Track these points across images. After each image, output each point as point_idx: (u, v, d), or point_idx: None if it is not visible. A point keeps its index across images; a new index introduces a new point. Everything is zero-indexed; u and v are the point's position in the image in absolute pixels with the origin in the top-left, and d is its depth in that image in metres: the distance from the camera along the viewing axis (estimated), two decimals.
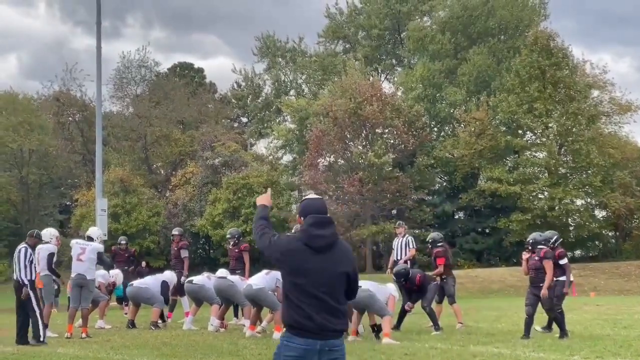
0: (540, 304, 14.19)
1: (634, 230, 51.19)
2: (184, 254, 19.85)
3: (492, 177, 47.79)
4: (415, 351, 12.18)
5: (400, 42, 63.13)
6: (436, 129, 57.13)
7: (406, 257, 19.11)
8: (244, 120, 69.79)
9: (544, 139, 48.52)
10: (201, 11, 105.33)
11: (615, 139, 48.68)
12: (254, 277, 15.25)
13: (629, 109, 49.34)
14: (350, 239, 47.40)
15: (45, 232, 16.10)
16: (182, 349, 13.01)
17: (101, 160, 34.05)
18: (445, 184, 54.73)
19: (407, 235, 19.67)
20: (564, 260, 15.20)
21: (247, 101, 67.69)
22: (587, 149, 45.50)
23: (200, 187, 49.92)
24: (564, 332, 14.08)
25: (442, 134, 56.65)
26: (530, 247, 14.33)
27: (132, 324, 17.44)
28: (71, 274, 15.77)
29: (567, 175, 48.72)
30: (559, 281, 15.03)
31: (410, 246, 19.30)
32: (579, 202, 48.48)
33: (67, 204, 59.68)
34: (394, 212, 49.44)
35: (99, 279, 18.53)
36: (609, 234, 53.15)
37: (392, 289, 14.71)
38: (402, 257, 19.15)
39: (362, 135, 49.56)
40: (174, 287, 18.27)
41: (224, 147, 50.13)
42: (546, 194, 47.98)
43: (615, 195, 46.32)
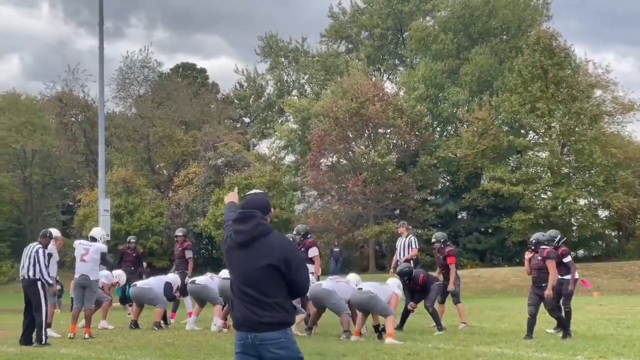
0: (542, 304, 14.17)
1: (637, 230, 51.17)
2: (189, 255, 19.88)
3: (494, 176, 47.76)
4: (418, 351, 12.18)
5: (402, 42, 63.15)
6: (439, 129, 57.12)
7: (408, 256, 19.07)
8: (247, 120, 69.81)
9: (547, 139, 48.52)
10: (204, 12, 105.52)
11: (618, 139, 48.67)
12: None
13: (631, 108, 49.32)
14: (353, 239, 47.42)
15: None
16: (185, 349, 13.01)
17: (104, 160, 34.07)
18: (448, 184, 54.70)
19: (409, 235, 19.65)
20: (567, 258, 15.19)
21: (250, 101, 67.71)
22: (589, 148, 45.46)
23: (202, 187, 49.89)
24: (567, 332, 14.07)
25: (445, 133, 56.62)
26: (533, 247, 14.31)
27: (135, 325, 17.44)
28: (75, 274, 15.78)
29: (570, 175, 48.68)
30: (564, 280, 15.02)
31: (412, 246, 19.27)
32: (582, 201, 48.45)
33: (70, 204, 59.70)
34: (397, 212, 49.42)
35: (102, 280, 18.52)
36: (612, 234, 53.11)
37: (395, 286, 14.64)
38: (405, 257, 19.12)
39: (365, 135, 49.56)
40: (178, 288, 18.28)
41: (226, 147, 50.11)
42: (549, 193, 47.97)
43: (618, 195, 46.28)
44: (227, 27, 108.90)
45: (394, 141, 49.98)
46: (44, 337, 14.12)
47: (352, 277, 15.71)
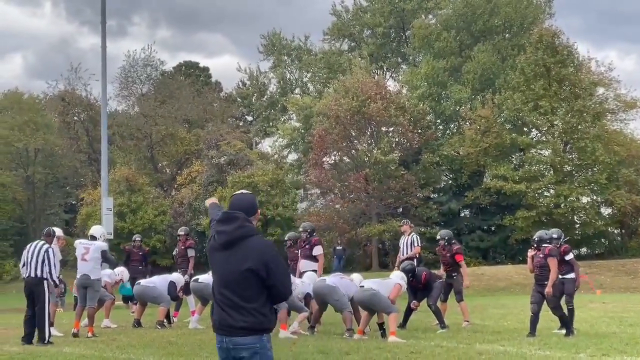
0: (545, 302, 14.17)
1: None
2: (191, 253, 19.95)
3: (497, 174, 47.70)
4: (421, 349, 12.18)
5: (405, 40, 63.12)
6: (441, 127, 57.08)
7: (410, 254, 19.05)
8: (249, 119, 69.80)
9: (549, 137, 48.46)
10: (207, 10, 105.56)
11: (620, 136, 48.59)
12: None
13: (634, 106, 49.22)
14: (356, 237, 47.40)
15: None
16: (188, 348, 13.02)
17: (107, 159, 34.12)
18: (450, 182, 54.65)
19: (412, 233, 19.63)
20: (569, 255, 15.17)
21: (252, 100, 67.71)
22: (592, 146, 45.41)
23: (205, 185, 49.94)
24: (570, 330, 14.07)
25: (448, 131, 56.58)
26: (535, 245, 14.29)
27: (138, 323, 17.45)
28: (77, 274, 15.78)
29: (573, 172, 48.62)
30: (566, 279, 15.00)
31: (415, 244, 19.24)
32: (585, 199, 48.37)
33: (73, 203, 59.83)
34: (400, 210, 49.40)
35: (105, 278, 18.56)
36: (615, 232, 52.99)
37: (399, 278, 14.59)
38: (407, 255, 19.10)
39: (367, 133, 49.54)
40: (182, 288, 18.28)
41: (229, 145, 50.17)
42: (552, 191, 47.91)
43: (620, 192, 46.23)
44: (230, 25, 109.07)
45: (397, 139, 49.95)
46: (46, 336, 14.11)
47: (356, 277, 15.72)
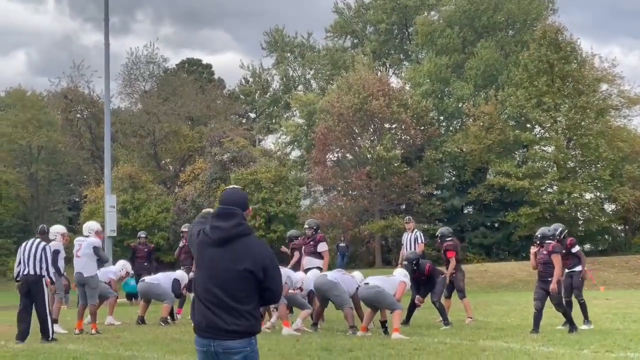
0: (549, 299, 14.16)
1: None
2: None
3: (500, 171, 47.69)
4: (424, 346, 12.18)
5: (407, 36, 63.06)
6: (444, 123, 57.04)
7: (417, 251, 19.04)
8: (252, 115, 69.80)
9: (553, 133, 48.42)
10: (210, 7, 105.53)
11: (624, 132, 48.54)
12: None
13: (638, 102, 49.16)
14: (359, 233, 47.38)
15: (50, 229, 16.14)
16: (192, 345, 12.95)
17: (110, 156, 34.14)
18: (454, 179, 54.64)
19: (416, 230, 19.63)
20: (575, 248, 15.19)
21: (256, 97, 67.69)
22: (596, 142, 45.37)
23: (208, 183, 49.91)
24: (573, 327, 14.06)
25: (451, 128, 56.54)
26: (538, 242, 14.28)
27: (141, 320, 17.46)
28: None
29: (576, 169, 48.58)
30: (574, 272, 15.02)
31: (419, 241, 19.23)
32: (588, 195, 48.36)
33: (76, 200, 59.91)
34: (403, 206, 49.39)
35: (110, 275, 18.59)
36: (619, 228, 52.99)
37: (402, 275, 14.58)
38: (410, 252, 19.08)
39: (370, 130, 49.52)
40: (185, 285, 18.29)
41: (232, 142, 50.14)
42: (555, 188, 47.88)
43: (624, 188, 46.19)
44: (233, 22, 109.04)
45: (399, 136, 49.93)
46: (50, 333, 14.09)
47: (357, 274, 15.73)
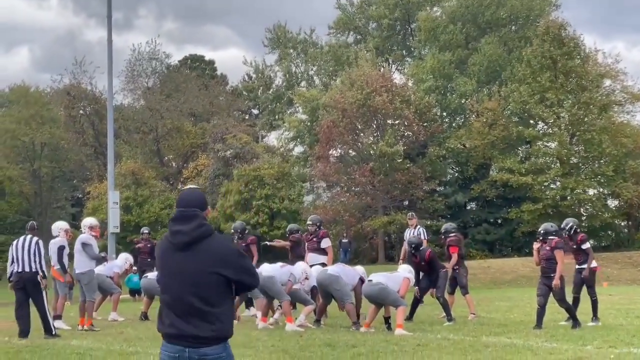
0: (552, 295, 14.15)
1: None
2: None
3: (504, 167, 47.69)
4: (427, 342, 12.17)
5: (410, 32, 63.01)
6: (447, 119, 57.00)
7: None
8: (255, 112, 69.77)
9: (556, 129, 48.39)
10: (213, 2, 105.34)
11: (627, 128, 48.50)
12: (267, 267, 15.19)
13: None
14: (362, 230, 47.39)
15: (54, 226, 16.14)
16: None
17: (113, 153, 34.12)
18: (457, 175, 54.63)
19: (419, 226, 19.62)
20: (586, 244, 15.15)
21: (258, 93, 67.66)
22: (599, 138, 45.36)
23: (211, 179, 49.98)
24: (576, 322, 14.04)
25: (454, 124, 56.51)
26: (541, 238, 14.25)
27: (145, 316, 17.45)
28: None
29: (579, 165, 48.58)
30: (584, 269, 15.01)
31: (422, 237, 19.23)
32: (591, 191, 48.34)
33: (79, 196, 59.93)
34: (406, 203, 49.39)
35: (115, 269, 18.60)
36: (622, 224, 52.97)
37: (407, 271, 14.56)
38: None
39: (373, 126, 49.51)
40: None
41: (235, 139, 50.17)
42: (558, 184, 47.87)
43: (627, 184, 46.20)
44: (236, 18, 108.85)
45: (402, 132, 49.92)
46: (53, 328, 14.06)
47: (359, 268, 15.73)
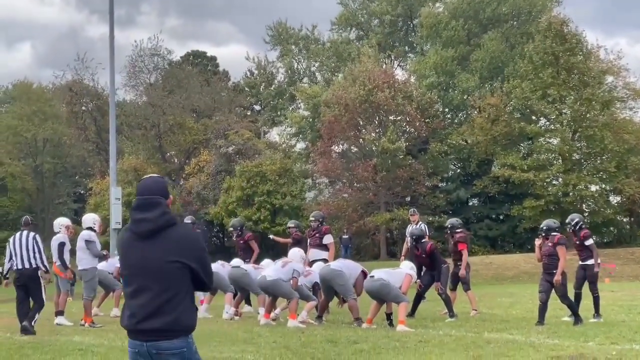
0: (554, 291, 14.14)
1: None
2: None
3: (506, 163, 47.69)
4: (429, 338, 12.18)
5: (412, 28, 62.96)
6: (449, 116, 56.98)
7: None
8: (257, 108, 69.72)
9: (558, 125, 48.37)
10: None
11: (629, 125, 48.45)
12: (269, 269, 15.19)
13: None
14: (364, 226, 47.41)
15: (55, 222, 16.14)
16: (197, 337, 13.02)
17: (115, 149, 34.10)
18: (459, 171, 54.63)
19: (420, 222, 19.59)
20: (589, 240, 15.13)
21: (260, 89, 67.62)
22: (601, 134, 45.33)
23: (214, 175, 49.99)
24: (578, 319, 14.04)
25: (456, 120, 56.48)
26: (544, 234, 14.23)
27: None
28: None
29: (581, 161, 48.57)
30: (588, 265, 15.00)
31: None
32: (594, 188, 48.35)
33: (81, 192, 59.97)
34: (408, 199, 49.39)
35: (117, 265, 18.60)
36: (624, 220, 52.98)
37: (408, 268, 14.57)
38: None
39: (375, 122, 49.50)
40: None
41: (237, 135, 50.19)
42: (560, 180, 47.86)
43: (629, 180, 46.18)
44: (239, 14, 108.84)
45: (404, 128, 49.92)
46: (32, 327, 13.86)
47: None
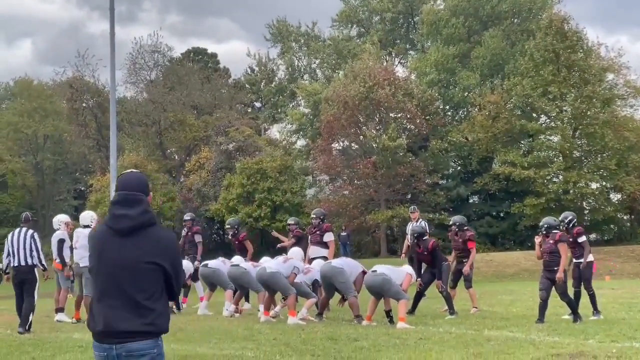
0: (554, 288, 14.13)
1: None
2: (198, 239, 19.89)
3: (506, 160, 47.68)
4: (429, 335, 12.17)
5: (413, 25, 62.92)
6: (450, 113, 56.97)
7: None
8: (258, 105, 69.73)
9: (559, 123, 48.35)
10: None
11: (630, 122, 48.44)
12: (269, 262, 15.21)
13: None
14: (364, 223, 47.41)
15: (54, 219, 16.13)
16: (197, 334, 13.04)
17: (115, 145, 34.07)
18: (459, 168, 54.62)
19: (421, 219, 19.58)
20: (582, 237, 15.07)
21: (261, 86, 67.61)
22: (601, 132, 45.32)
23: (214, 172, 49.99)
24: (577, 316, 14.03)
25: (457, 118, 56.48)
26: (544, 232, 14.20)
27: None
28: None
29: (582, 158, 48.57)
30: (581, 263, 14.97)
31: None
32: (594, 185, 48.33)
33: (82, 189, 59.98)
34: (408, 196, 49.39)
35: None
36: (624, 217, 52.99)
37: (409, 269, 14.62)
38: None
39: (376, 119, 49.49)
40: (190, 275, 18.25)
41: (237, 132, 50.18)
42: (561, 177, 47.87)
43: (630, 178, 46.18)
44: (240, 11, 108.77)
45: (405, 125, 49.90)
46: (29, 324, 13.80)
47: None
